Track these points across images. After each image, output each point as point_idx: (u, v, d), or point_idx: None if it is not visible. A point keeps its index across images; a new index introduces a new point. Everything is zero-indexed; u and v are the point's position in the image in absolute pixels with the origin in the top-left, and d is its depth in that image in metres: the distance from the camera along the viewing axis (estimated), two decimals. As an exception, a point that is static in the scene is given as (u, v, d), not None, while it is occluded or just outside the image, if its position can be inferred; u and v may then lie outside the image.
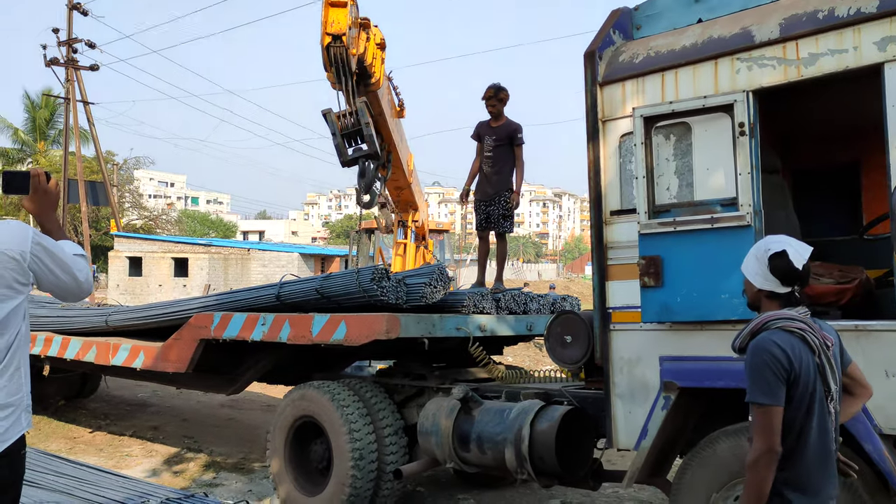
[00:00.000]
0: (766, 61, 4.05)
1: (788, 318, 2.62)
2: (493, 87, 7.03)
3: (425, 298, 5.86)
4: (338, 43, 6.80)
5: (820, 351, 2.59)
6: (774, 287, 2.69)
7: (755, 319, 2.70)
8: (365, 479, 5.55)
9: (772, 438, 2.50)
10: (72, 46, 26.11)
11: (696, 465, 4.04)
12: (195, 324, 6.44)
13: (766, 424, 2.52)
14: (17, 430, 2.40)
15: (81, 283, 2.58)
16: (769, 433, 2.51)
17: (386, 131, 8.40)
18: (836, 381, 2.65)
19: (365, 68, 7.19)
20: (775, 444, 2.50)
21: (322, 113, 7.07)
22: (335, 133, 7.03)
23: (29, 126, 42.33)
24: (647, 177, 4.28)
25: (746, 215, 3.95)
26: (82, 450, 8.25)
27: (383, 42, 7.64)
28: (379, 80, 7.51)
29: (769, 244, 2.73)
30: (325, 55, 6.88)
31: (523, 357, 14.48)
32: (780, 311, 2.66)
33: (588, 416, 5.01)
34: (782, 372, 2.52)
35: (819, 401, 2.59)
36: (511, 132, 6.99)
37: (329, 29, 6.75)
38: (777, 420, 2.51)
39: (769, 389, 2.52)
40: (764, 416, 2.53)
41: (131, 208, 49.45)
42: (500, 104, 7.02)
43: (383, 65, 7.73)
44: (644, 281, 4.23)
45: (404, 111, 9.21)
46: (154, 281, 28.87)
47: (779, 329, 2.61)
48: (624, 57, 4.63)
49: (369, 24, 7.34)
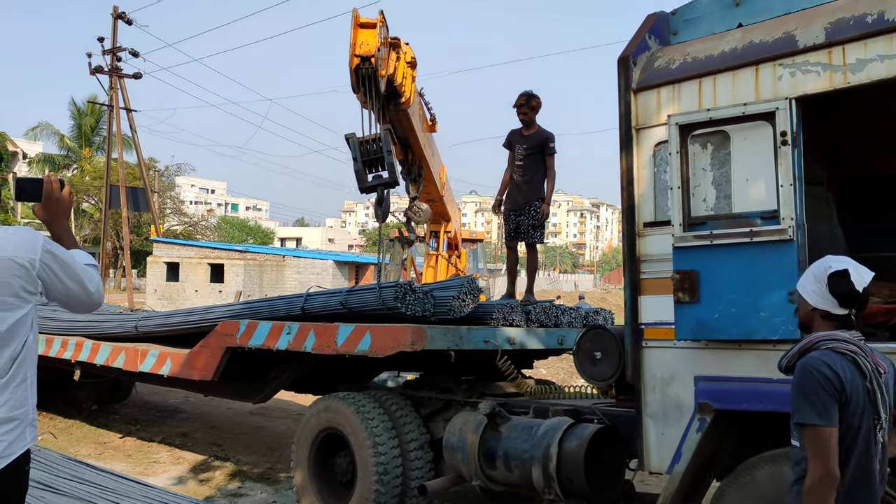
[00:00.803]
0: (810, 67, 3.85)
1: (840, 339, 2.51)
2: (525, 95, 6.89)
3: (453, 312, 5.73)
4: (366, 65, 6.75)
5: (872, 376, 2.46)
6: (831, 307, 2.57)
7: (806, 338, 2.58)
8: (389, 495, 5.43)
9: (829, 461, 2.37)
10: (116, 55, 26.58)
11: (734, 491, 3.84)
12: (221, 331, 6.40)
13: (821, 447, 2.39)
14: (22, 445, 2.32)
15: (91, 294, 2.49)
16: (825, 456, 2.37)
17: (417, 147, 8.38)
18: (887, 410, 2.50)
19: (395, 88, 7.15)
20: (833, 468, 2.37)
21: (345, 137, 7.03)
22: (356, 158, 6.99)
23: (75, 133, 43.37)
24: (682, 187, 4.10)
25: (788, 229, 3.75)
26: (111, 455, 8.26)
27: (414, 60, 7.58)
28: (409, 100, 7.46)
29: (830, 262, 2.62)
30: (353, 77, 6.83)
31: (557, 370, 14.25)
32: (832, 331, 2.54)
33: (619, 436, 4.82)
34: (835, 393, 2.41)
35: (867, 428, 2.45)
36: (543, 141, 6.83)
37: (358, 51, 6.68)
38: (833, 441, 2.38)
39: (824, 410, 2.39)
40: (818, 438, 2.40)
41: (172, 214, 50.26)
42: (531, 112, 6.87)
43: (414, 83, 7.68)
44: (679, 296, 4.05)
45: (436, 125, 9.21)
46: (190, 286, 29.22)
47: (830, 350, 2.49)
48: (660, 62, 4.46)
49: (399, 44, 7.28)
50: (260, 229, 73.07)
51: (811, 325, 2.64)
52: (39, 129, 42.88)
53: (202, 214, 62.97)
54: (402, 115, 7.58)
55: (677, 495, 4.10)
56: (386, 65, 6.80)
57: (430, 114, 8.88)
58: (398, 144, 8.15)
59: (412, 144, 8.32)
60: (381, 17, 6.87)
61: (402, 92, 7.20)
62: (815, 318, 2.61)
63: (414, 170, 8.70)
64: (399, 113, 7.49)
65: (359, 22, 6.76)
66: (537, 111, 6.92)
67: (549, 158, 6.87)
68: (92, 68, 26.39)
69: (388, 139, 6.90)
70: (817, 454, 2.38)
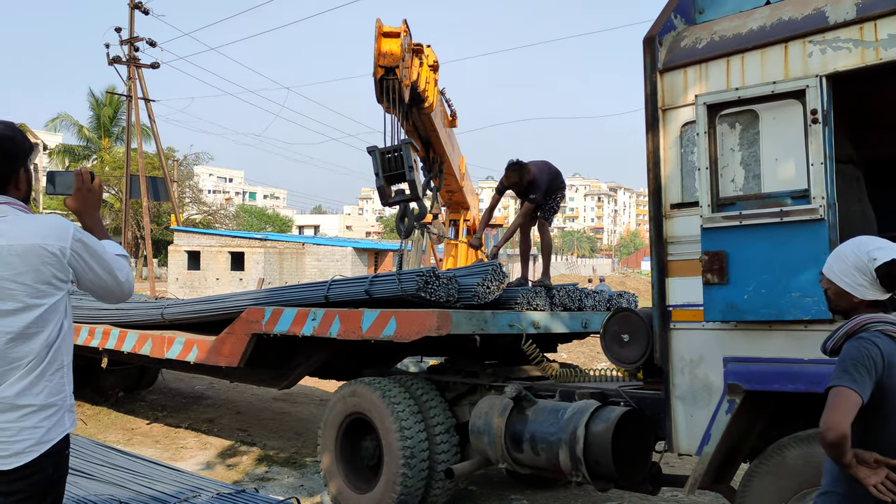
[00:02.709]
0: (841, 44, 3.79)
1: (889, 322, 2.46)
2: (515, 171, 6.65)
3: (477, 297, 5.73)
4: (391, 75, 6.71)
5: None
6: (879, 295, 2.52)
7: (851, 321, 2.53)
8: (416, 478, 5.46)
9: (842, 418, 2.30)
10: (133, 45, 26.67)
11: (764, 472, 3.82)
12: (247, 318, 6.44)
13: (839, 403, 2.32)
14: (61, 430, 2.35)
15: (122, 284, 2.51)
16: (840, 413, 2.30)
17: (438, 145, 8.42)
18: None
19: (418, 94, 7.13)
20: (845, 427, 2.29)
21: (368, 150, 7.00)
22: (378, 174, 6.97)
23: (94, 123, 43.64)
24: (710, 168, 4.06)
25: (819, 208, 3.71)
26: (139, 441, 8.37)
27: (436, 63, 7.56)
28: (432, 104, 7.46)
29: (870, 252, 2.52)
30: (377, 87, 6.80)
31: (578, 354, 14.24)
32: (878, 314, 2.50)
33: (646, 418, 4.81)
34: (874, 370, 2.37)
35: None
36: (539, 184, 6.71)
37: (382, 61, 6.63)
38: (853, 407, 2.32)
39: (859, 378, 2.35)
40: (841, 396, 2.33)
41: (191, 203, 50.57)
42: (524, 182, 6.70)
43: (436, 87, 7.67)
44: (707, 278, 4.02)
45: (456, 121, 9.28)
46: (211, 275, 29.44)
47: (880, 332, 2.45)
48: (686, 42, 4.40)
49: (422, 49, 7.25)
50: (278, 217, 73.36)
51: (853, 313, 2.58)
52: (59, 120, 43.23)
53: (221, 203, 63.30)
54: (424, 118, 7.60)
55: (706, 476, 4.09)
56: (409, 73, 6.77)
57: (450, 110, 8.92)
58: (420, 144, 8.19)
59: (433, 143, 8.39)
60: (405, 25, 6.83)
61: (425, 97, 7.18)
62: (860, 307, 2.56)
63: (435, 167, 8.78)
64: (422, 116, 7.49)
65: (382, 31, 6.70)
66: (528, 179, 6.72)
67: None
68: (110, 59, 26.51)
69: (409, 154, 6.87)
70: (834, 408, 2.32)
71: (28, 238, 2.26)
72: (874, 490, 2.33)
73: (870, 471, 2.35)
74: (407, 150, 6.87)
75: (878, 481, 2.33)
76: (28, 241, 2.26)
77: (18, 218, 2.30)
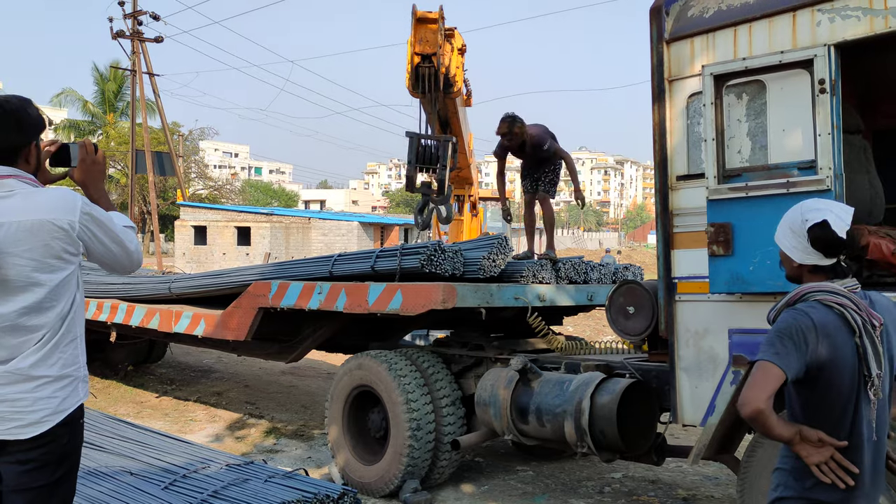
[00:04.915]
0: (849, 12, 3.74)
1: (829, 290, 2.33)
2: (507, 122, 6.53)
3: (483, 271, 5.74)
4: (427, 63, 6.65)
5: (862, 332, 2.29)
6: (817, 260, 2.39)
7: (792, 291, 2.42)
8: (422, 450, 5.51)
9: (759, 394, 2.20)
10: (137, 19, 26.49)
11: (769, 443, 3.83)
12: (254, 292, 6.47)
13: (760, 379, 2.22)
14: (76, 400, 2.39)
15: (132, 254, 2.53)
16: (760, 389, 2.21)
17: (456, 127, 8.46)
18: (881, 366, 2.34)
19: (448, 79, 7.09)
20: (761, 402, 2.20)
21: (407, 134, 6.95)
22: (411, 161, 6.94)
23: (98, 98, 43.54)
24: (716, 139, 4.04)
25: (826, 179, 3.69)
26: (149, 414, 8.47)
27: (464, 46, 7.52)
28: (460, 89, 7.43)
29: (805, 213, 2.41)
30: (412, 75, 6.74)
31: (583, 327, 14.27)
32: (821, 283, 2.38)
33: (651, 390, 4.84)
34: (803, 343, 2.25)
35: (854, 387, 2.32)
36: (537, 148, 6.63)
37: (419, 48, 6.56)
38: (775, 383, 2.22)
39: (785, 354, 2.24)
40: (764, 370, 2.23)
41: (197, 178, 50.57)
42: (516, 138, 6.57)
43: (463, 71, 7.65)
44: (713, 249, 4.01)
45: (471, 99, 9.27)
46: (218, 249, 29.53)
47: (816, 302, 2.33)
48: (693, 11, 4.35)
49: (454, 33, 7.20)
50: (284, 192, 73.38)
51: (800, 279, 2.47)
52: (64, 95, 43.13)
53: (226, 178, 63.29)
54: (448, 102, 7.57)
55: (711, 447, 4.12)
56: (444, 59, 6.72)
57: (467, 89, 8.92)
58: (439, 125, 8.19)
59: (451, 124, 8.41)
60: (441, 10, 6.78)
61: (454, 82, 7.14)
62: (804, 273, 2.45)
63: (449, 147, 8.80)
64: (447, 100, 7.47)
65: (418, 17, 6.64)
66: (522, 135, 6.58)
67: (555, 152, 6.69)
68: (114, 33, 26.35)
69: (446, 154, 6.85)
70: (752, 384, 2.24)
71: (36, 213, 2.27)
72: (815, 469, 2.26)
73: (813, 449, 2.26)
74: (445, 147, 6.85)
75: (820, 460, 2.26)
76: (36, 216, 2.27)
77: (26, 193, 2.31)
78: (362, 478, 5.79)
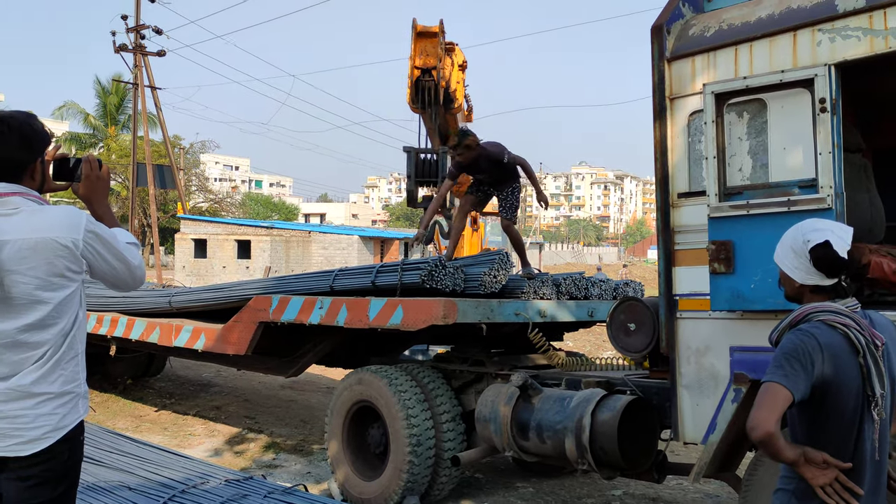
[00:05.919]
0: (850, 32, 3.77)
1: (832, 311, 2.34)
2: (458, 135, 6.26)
3: (484, 287, 5.74)
4: (427, 77, 6.67)
5: (865, 351, 2.30)
6: (819, 280, 2.40)
7: (795, 311, 2.42)
8: (422, 466, 5.50)
9: (768, 417, 2.21)
10: (140, 33, 26.64)
11: (770, 462, 3.83)
12: (254, 306, 6.47)
13: (769, 401, 2.23)
14: (76, 417, 2.39)
15: (135, 271, 2.53)
16: (769, 411, 2.21)
17: None
18: (884, 385, 2.34)
19: (448, 94, 7.11)
20: (770, 425, 2.21)
21: (404, 149, 6.97)
22: (411, 176, 6.95)
23: (100, 111, 43.65)
24: (717, 157, 4.06)
25: (827, 197, 3.70)
26: (147, 428, 8.44)
27: (465, 63, 7.55)
28: (461, 105, 7.45)
29: (806, 234, 2.43)
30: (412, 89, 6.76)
31: (583, 343, 14.26)
32: (823, 303, 2.39)
33: (652, 407, 4.83)
34: (810, 365, 2.25)
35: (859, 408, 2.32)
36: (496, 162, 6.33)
37: (419, 62, 6.58)
38: (782, 404, 2.23)
39: (793, 375, 2.25)
40: (772, 393, 2.24)
41: (197, 191, 50.64)
42: (469, 151, 6.24)
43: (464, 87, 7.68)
44: (714, 267, 4.02)
45: (472, 115, 9.28)
46: (218, 263, 29.53)
47: (821, 322, 2.33)
48: (694, 30, 4.39)
49: (454, 48, 7.23)
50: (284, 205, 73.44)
51: (801, 299, 2.48)
52: (65, 108, 43.26)
53: (227, 191, 63.37)
54: (449, 118, 7.60)
55: (712, 465, 4.11)
56: (444, 74, 6.75)
57: (468, 105, 8.96)
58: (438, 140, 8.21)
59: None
60: (441, 24, 6.82)
61: (454, 98, 7.17)
62: (805, 293, 2.46)
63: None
64: (447, 115, 7.50)
65: (418, 31, 6.66)
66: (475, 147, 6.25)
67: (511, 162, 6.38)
68: (116, 46, 26.52)
69: (445, 164, 6.87)
70: (760, 405, 2.24)
71: (41, 231, 2.28)
72: (820, 492, 2.26)
73: (818, 471, 2.27)
74: (444, 159, 6.86)
75: (825, 482, 2.26)
76: (41, 234, 2.27)
77: (31, 210, 2.31)
78: (362, 493, 5.77)
